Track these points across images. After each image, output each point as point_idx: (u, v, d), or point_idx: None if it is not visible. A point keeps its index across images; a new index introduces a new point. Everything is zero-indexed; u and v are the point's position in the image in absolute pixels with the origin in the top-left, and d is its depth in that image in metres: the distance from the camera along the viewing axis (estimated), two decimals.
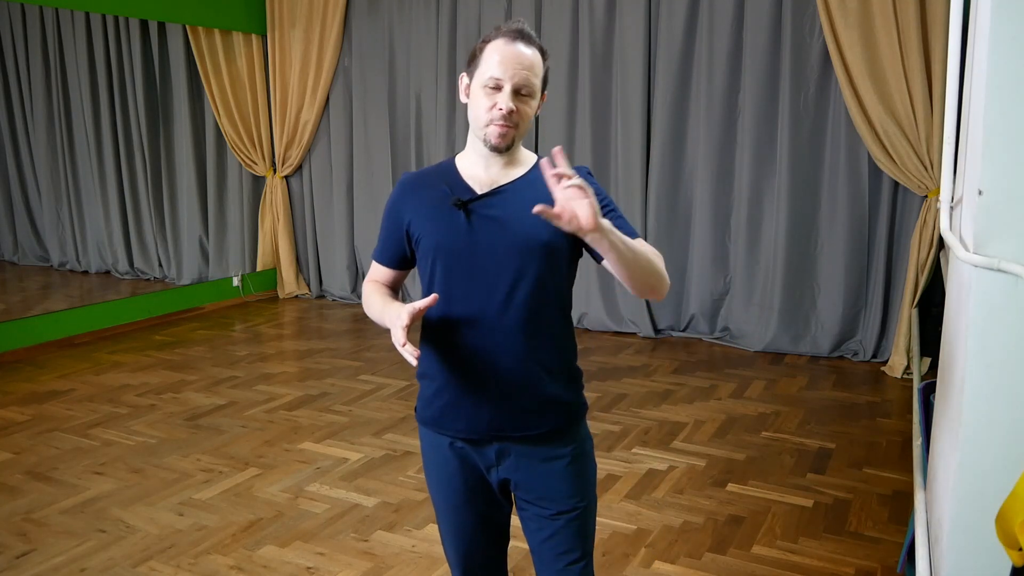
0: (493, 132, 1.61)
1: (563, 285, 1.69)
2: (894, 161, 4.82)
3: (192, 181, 7.20)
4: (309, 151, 7.00)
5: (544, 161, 1.42)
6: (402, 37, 6.47)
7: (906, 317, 4.87)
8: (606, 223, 1.43)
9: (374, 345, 5.63)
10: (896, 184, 5.02)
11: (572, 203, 1.38)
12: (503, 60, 1.58)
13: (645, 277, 1.57)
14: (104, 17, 7.05)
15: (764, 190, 5.39)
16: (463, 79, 1.69)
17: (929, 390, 2.94)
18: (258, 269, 7.20)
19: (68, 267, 7.85)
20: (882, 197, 5.07)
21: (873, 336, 5.19)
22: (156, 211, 7.38)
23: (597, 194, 1.60)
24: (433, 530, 3.02)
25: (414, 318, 1.52)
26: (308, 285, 7.23)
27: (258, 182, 7.22)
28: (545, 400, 1.67)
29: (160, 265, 7.44)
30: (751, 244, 5.47)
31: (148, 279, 7.44)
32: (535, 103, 1.64)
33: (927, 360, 4.69)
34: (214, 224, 7.24)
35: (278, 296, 7.23)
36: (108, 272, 7.65)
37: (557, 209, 1.39)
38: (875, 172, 5.05)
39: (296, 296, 7.21)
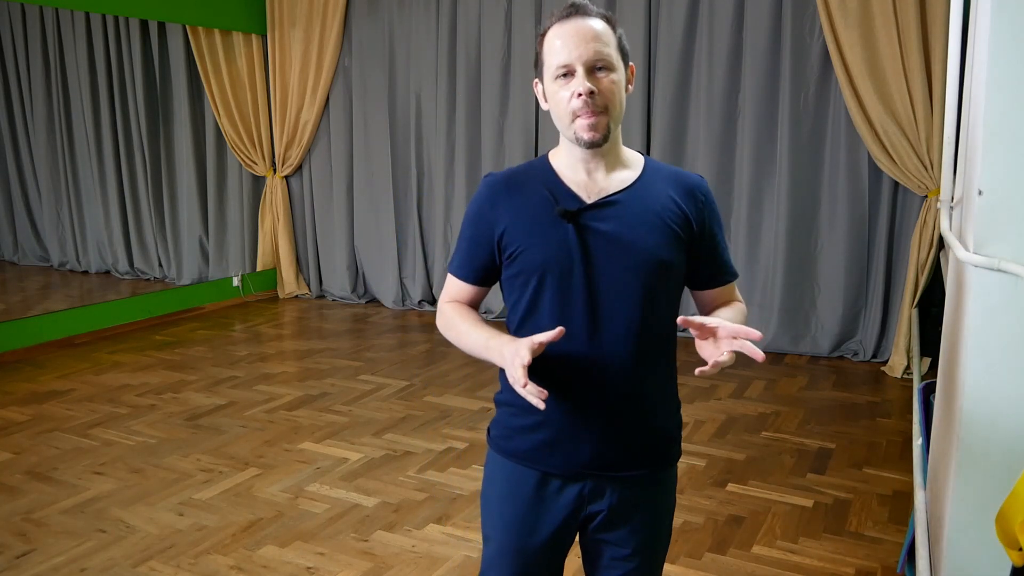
0: (581, 126, 1.39)
1: (676, 308, 1.52)
2: (894, 161, 4.82)
3: (192, 181, 7.20)
4: (309, 151, 7.00)
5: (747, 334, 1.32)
6: (402, 37, 6.47)
7: (906, 317, 4.87)
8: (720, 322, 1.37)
9: (374, 345, 5.63)
10: (896, 184, 5.02)
11: (717, 345, 1.36)
12: (565, 41, 1.38)
13: None
14: (104, 17, 7.05)
15: (764, 190, 5.39)
16: (536, 85, 1.48)
17: (929, 390, 2.94)
18: (258, 269, 7.20)
19: (68, 267, 7.85)
20: (882, 197, 5.07)
21: (873, 336, 5.19)
22: (156, 211, 7.37)
23: (714, 214, 1.53)
24: (433, 530, 3.02)
25: (535, 354, 1.30)
26: (308, 285, 7.23)
27: (258, 182, 7.22)
28: (651, 435, 1.52)
29: (160, 265, 7.44)
30: (751, 244, 5.47)
31: (148, 279, 7.43)
32: (619, 76, 1.41)
33: (927, 360, 4.69)
34: (214, 224, 7.24)
35: (278, 296, 7.23)
36: (108, 272, 7.65)
37: (709, 327, 1.36)
38: (875, 172, 5.05)
39: (296, 296, 7.21)
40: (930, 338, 4.51)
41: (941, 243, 4.49)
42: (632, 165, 1.50)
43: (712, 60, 5.37)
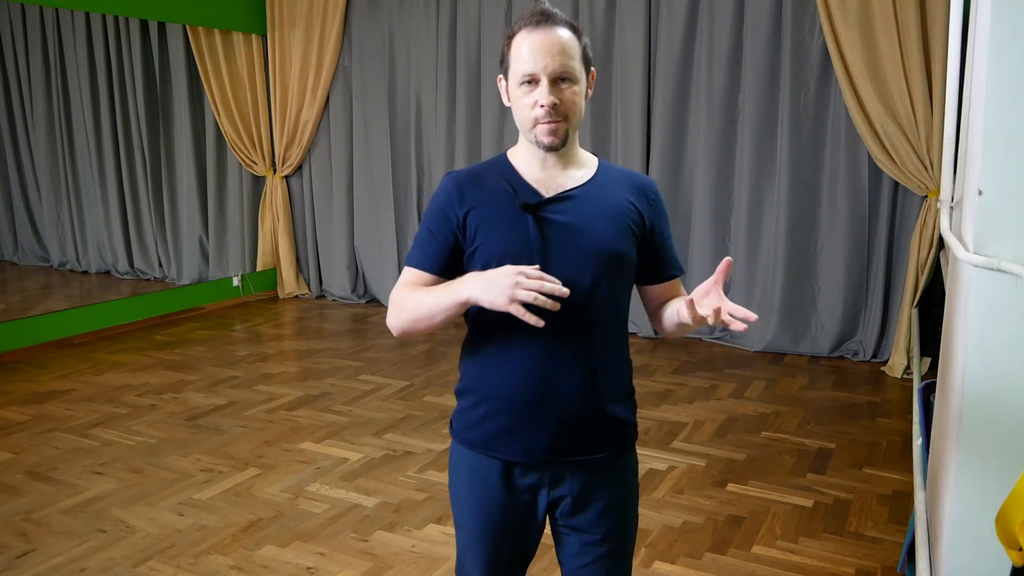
0: (542, 131, 1.47)
1: (628, 298, 1.59)
2: (894, 161, 4.82)
3: (192, 181, 7.20)
4: (309, 151, 7.00)
5: (723, 267, 1.42)
6: (402, 37, 6.47)
7: (906, 317, 4.87)
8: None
9: (374, 345, 5.63)
10: (896, 184, 5.02)
11: (718, 310, 1.40)
12: (532, 51, 1.44)
13: (678, 337, 1.58)
14: (104, 17, 7.05)
15: (764, 190, 5.39)
16: (500, 82, 1.55)
17: (929, 390, 2.94)
18: (258, 269, 7.20)
19: (68, 267, 7.85)
20: (882, 197, 5.07)
21: (873, 336, 5.19)
22: (156, 211, 7.37)
23: (663, 213, 1.62)
24: (433, 530, 3.02)
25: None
26: (308, 285, 7.23)
27: (258, 182, 7.22)
28: (608, 422, 1.56)
29: (160, 265, 7.44)
30: (751, 244, 5.47)
31: (148, 279, 7.43)
32: (580, 87, 1.48)
33: (927, 360, 4.69)
34: (214, 224, 7.24)
35: (278, 296, 7.23)
36: (108, 272, 7.65)
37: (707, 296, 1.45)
38: (875, 172, 5.05)
39: (296, 296, 7.21)
40: (930, 338, 4.51)
41: (941, 243, 4.49)
42: (587, 165, 1.58)
43: (712, 60, 5.37)
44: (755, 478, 3.49)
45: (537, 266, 1.40)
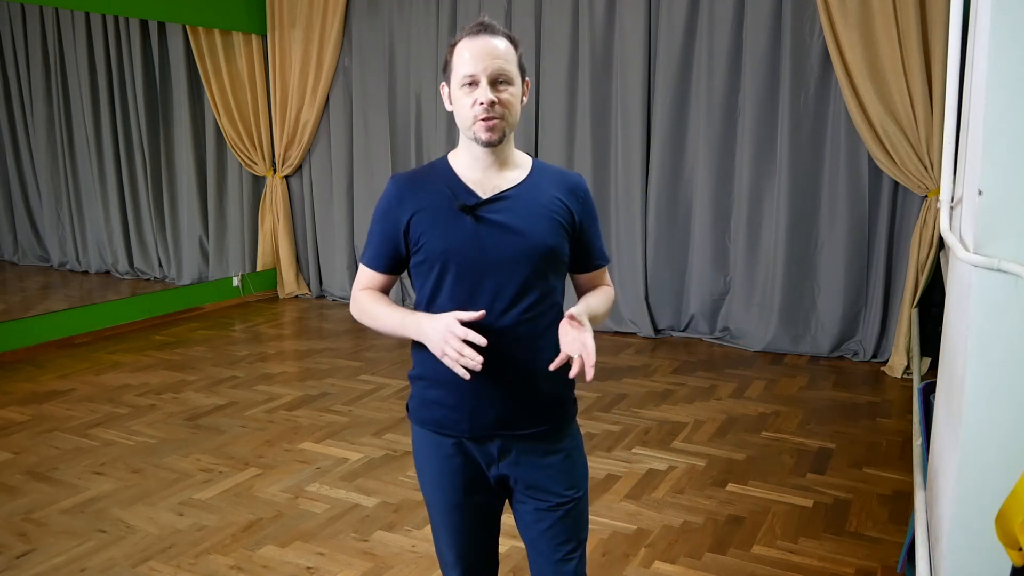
0: (481, 128, 1.60)
1: (562, 288, 1.75)
2: (894, 161, 4.82)
3: (192, 181, 7.20)
4: (309, 151, 7.00)
5: (565, 323, 1.59)
6: (402, 37, 6.47)
7: (906, 317, 4.87)
8: (587, 323, 1.60)
9: (374, 345, 5.63)
10: (896, 184, 5.02)
11: (577, 345, 1.57)
12: (473, 55, 1.59)
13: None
14: (104, 17, 7.05)
15: (764, 190, 5.39)
16: (443, 88, 1.69)
17: (929, 390, 2.94)
18: (258, 269, 7.20)
19: (68, 267, 7.85)
20: (882, 197, 5.07)
21: (873, 336, 5.19)
22: (156, 211, 7.37)
23: (590, 209, 1.77)
24: None
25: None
26: (308, 285, 7.23)
27: (258, 182, 7.22)
28: (547, 398, 1.72)
29: (160, 265, 7.44)
30: (751, 244, 5.47)
31: (148, 279, 7.43)
32: (516, 90, 1.63)
33: (927, 360, 4.70)
34: (214, 224, 7.24)
35: (278, 296, 7.23)
36: (108, 272, 7.65)
37: (571, 354, 1.57)
38: (875, 172, 5.05)
39: (296, 296, 7.21)
40: (930, 338, 4.51)
41: (941, 243, 4.49)
42: (522, 165, 1.72)
43: (712, 60, 5.37)
44: (755, 478, 3.49)
45: (479, 313, 1.55)
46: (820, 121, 5.17)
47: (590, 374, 1.54)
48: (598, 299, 1.79)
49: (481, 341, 1.52)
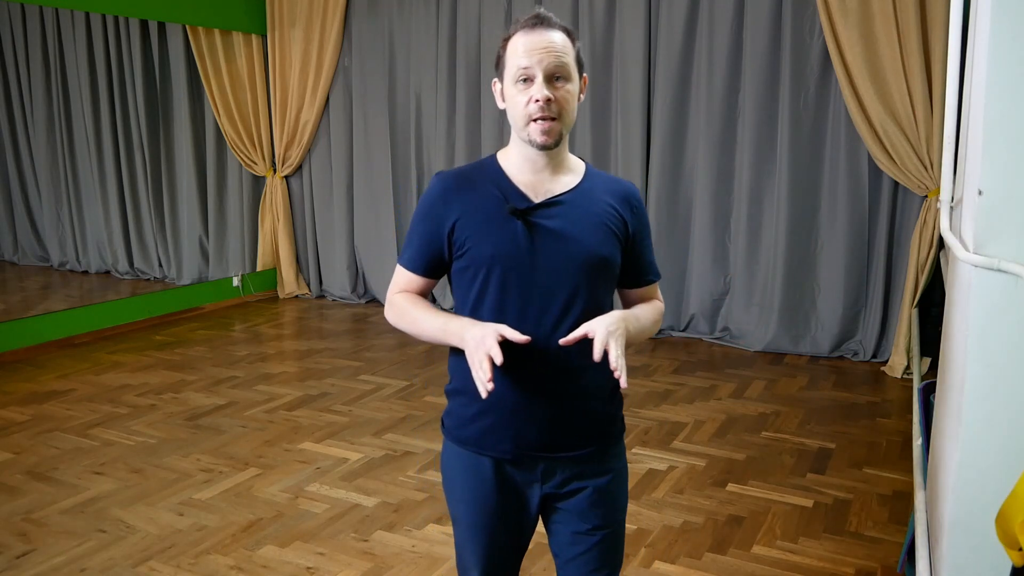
0: (535, 129, 1.50)
1: (611, 300, 1.64)
2: (894, 161, 4.82)
3: (192, 181, 7.20)
4: (309, 151, 7.00)
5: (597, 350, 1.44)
6: (402, 37, 6.47)
7: (906, 317, 4.87)
8: (626, 332, 1.49)
9: (374, 345, 5.63)
10: (896, 184, 5.02)
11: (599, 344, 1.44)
12: (528, 49, 1.49)
13: (639, 343, 1.63)
14: (104, 17, 7.05)
15: (764, 190, 5.39)
16: (495, 85, 1.59)
17: (929, 390, 2.94)
18: (258, 269, 7.20)
19: (68, 267, 7.85)
20: (882, 197, 5.07)
21: (873, 336, 5.19)
22: (156, 211, 7.37)
23: (644, 220, 1.67)
24: (433, 530, 3.02)
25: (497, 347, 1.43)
26: (308, 285, 7.23)
27: (258, 182, 7.22)
28: (595, 418, 1.63)
29: (160, 265, 7.44)
30: (751, 244, 5.47)
31: (148, 279, 7.43)
32: (574, 87, 1.53)
33: (927, 360, 4.69)
34: (214, 224, 7.24)
35: (278, 296, 7.23)
36: (108, 272, 7.65)
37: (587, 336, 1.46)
38: (875, 172, 5.05)
39: (296, 296, 7.21)
40: (930, 338, 4.51)
41: (941, 243, 4.49)
42: (575, 170, 1.62)
43: (712, 60, 5.37)
44: (755, 478, 3.49)
45: (524, 337, 1.44)
46: (820, 121, 5.17)
47: (622, 380, 1.45)
48: (647, 311, 1.68)
49: (499, 359, 1.41)
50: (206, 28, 6.62)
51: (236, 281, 7.02)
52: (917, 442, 3.05)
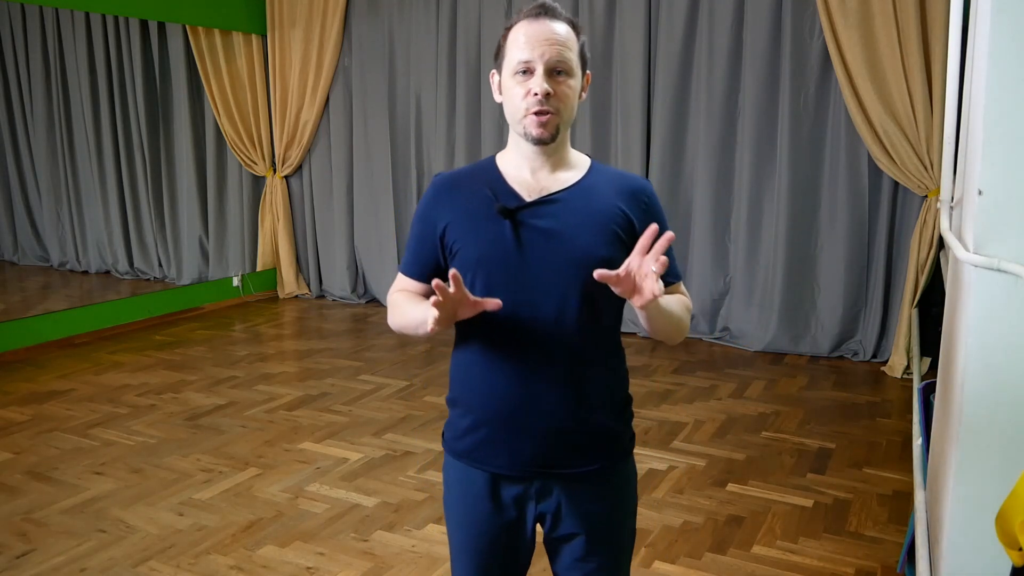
0: (532, 122, 1.42)
1: (617, 305, 1.50)
2: (894, 161, 4.82)
3: (192, 181, 7.20)
4: (309, 151, 7.00)
5: (649, 233, 1.30)
6: (402, 37, 6.47)
7: (906, 317, 4.87)
8: (661, 297, 1.31)
9: (374, 345, 5.63)
10: (896, 184, 5.02)
11: (642, 279, 1.29)
12: (529, 40, 1.41)
13: (671, 336, 1.50)
14: (104, 17, 7.05)
15: (764, 190, 5.39)
16: (493, 76, 1.51)
17: (929, 390, 2.94)
18: (258, 269, 7.20)
19: (68, 267, 7.85)
20: (882, 197, 5.07)
21: (873, 336, 5.19)
22: (156, 211, 7.38)
23: (657, 217, 1.51)
24: (433, 530, 3.02)
25: (460, 291, 1.31)
26: (308, 285, 7.23)
27: (258, 182, 7.22)
28: (595, 433, 1.51)
29: (160, 265, 7.44)
30: (751, 244, 5.47)
31: (148, 279, 7.44)
32: (575, 83, 1.45)
33: (927, 360, 4.69)
34: (214, 224, 7.24)
35: (278, 296, 7.23)
36: (108, 272, 7.65)
37: (623, 273, 1.30)
38: (875, 172, 5.05)
39: (296, 296, 7.21)
40: (930, 338, 4.51)
41: (941, 243, 4.49)
42: (577, 166, 1.52)
43: (712, 60, 5.37)
44: (755, 478, 3.49)
45: (497, 301, 1.35)
46: (820, 121, 5.17)
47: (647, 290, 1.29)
48: (674, 300, 1.52)
49: (495, 303, 1.31)
50: (206, 28, 6.62)
51: (236, 281, 7.02)
52: (917, 442, 3.05)
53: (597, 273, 1.29)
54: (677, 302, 1.53)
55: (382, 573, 2.75)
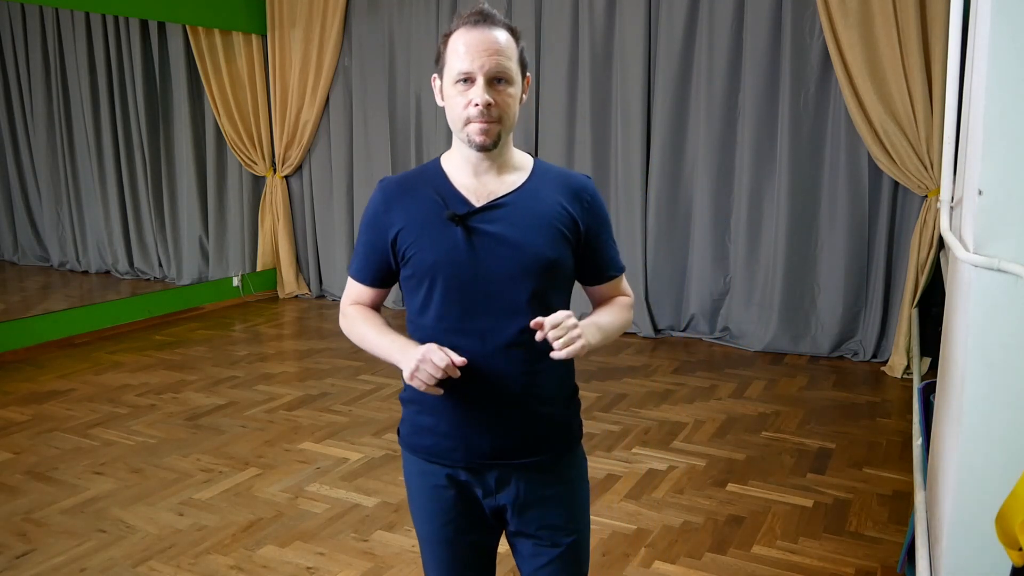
0: (474, 131, 1.45)
1: (565, 304, 1.56)
2: (894, 161, 4.82)
3: (192, 181, 7.20)
4: (309, 151, 7.00)
5: (535, 324, 1.41)
6: (402, 37, 6.47)
7: (906, 317, 4.87)
8: (590, 340, 1.45)
9: None
10: (896, 184, 5.02)
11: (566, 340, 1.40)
12: (469, 49, 1.43)
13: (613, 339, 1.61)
14: (104, 17, 7.05)
15: (764, 190, 5.39)
16: (434, 81, 1.52)
17: (929, 390, 2.94)
18: (258, 269, 7.20)
19: (68, 267, 7.85)
20: (882, 197, 5.07)
21: (873, 336, 5.19)
22: (156, 211, 7.38)
23: (599, 214, 1.60)
24: None
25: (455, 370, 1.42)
26: (308, 285, 7.23)
27: (258, 182, 7.22)
28: (548, 424, 1.59)
29: (160, 265, 7.44)
30: (751, 244, 5.47)
31: (148, 279, 7.44)
32: (516, 90, 1.48)
33: (927, 360, 4.69)
34: (214, 224, 7.25)
35: (278, 296, 7.23)
36: (108, 272, 7.66)
37: (540, 337, 1.42)
38: (875, 172, 5.05)
39: (296, 296, 7.21)
40: (930, 338, 4.51)
41: (941, 243, 4.49)
42: (521, 168, 1.56)
43: (712, 60, 5.37)
44: (755, 478, 3.49)
45: (459, 360, 1.42)
46: (820, 121, 5.17)
47: (556, 346, 1.40)
48: (609, 316, 1.61)
49: (456, 373, 1.41)
50: (206, 28, 6.62)
51: (236, 281, 7.02)
52: (917, 442, 3.05)
53: (533, 323, 1.41)
54: (609, 316, 1.61)
55: (382, 573, 2.75)
